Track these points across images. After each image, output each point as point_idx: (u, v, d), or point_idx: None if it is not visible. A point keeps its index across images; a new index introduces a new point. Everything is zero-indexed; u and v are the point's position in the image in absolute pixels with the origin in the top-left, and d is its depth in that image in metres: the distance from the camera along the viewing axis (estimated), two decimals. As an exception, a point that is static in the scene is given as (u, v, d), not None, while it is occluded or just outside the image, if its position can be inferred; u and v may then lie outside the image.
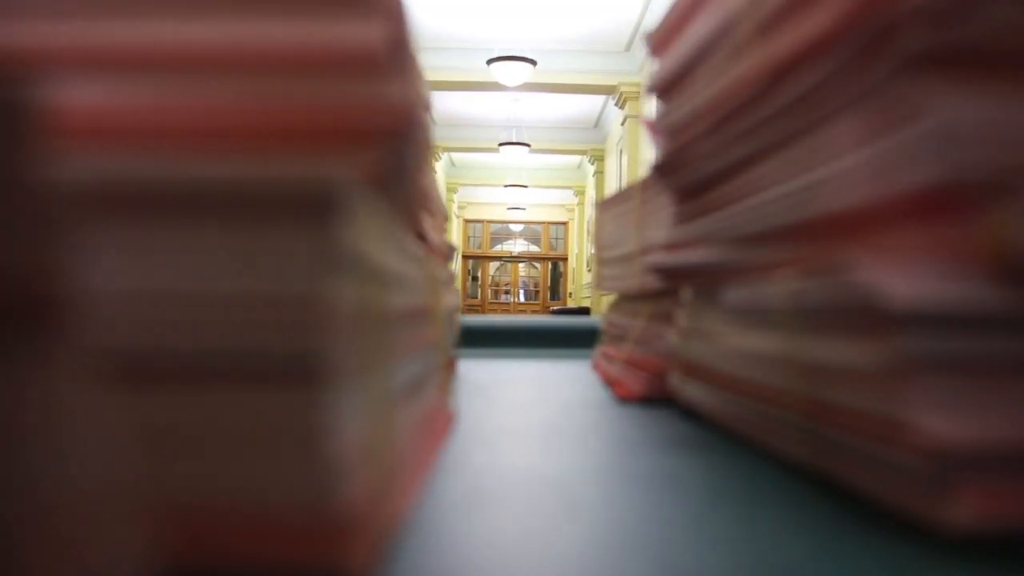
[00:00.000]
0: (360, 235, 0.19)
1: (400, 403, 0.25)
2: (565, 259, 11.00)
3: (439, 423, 0.38)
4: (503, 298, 10.87)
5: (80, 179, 0.17)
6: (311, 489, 0.17)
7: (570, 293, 10.19)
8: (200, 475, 0.17)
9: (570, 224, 11.12)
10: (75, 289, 0.11)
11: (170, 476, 0.17)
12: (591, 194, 8.35)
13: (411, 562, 0.20)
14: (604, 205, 0.80)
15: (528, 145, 6.90)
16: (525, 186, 8.92)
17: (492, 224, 10.88)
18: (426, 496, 0.27)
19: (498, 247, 10.98)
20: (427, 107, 0.31)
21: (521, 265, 11.06)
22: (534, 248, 11.10)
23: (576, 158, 8.89)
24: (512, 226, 10.93)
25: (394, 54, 0.23)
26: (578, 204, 9.80)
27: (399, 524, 0.23)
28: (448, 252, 0.51)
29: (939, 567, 0.21)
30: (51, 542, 0.10)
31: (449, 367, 0.50)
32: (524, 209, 10.41)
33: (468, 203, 10.48)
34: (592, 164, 7.84)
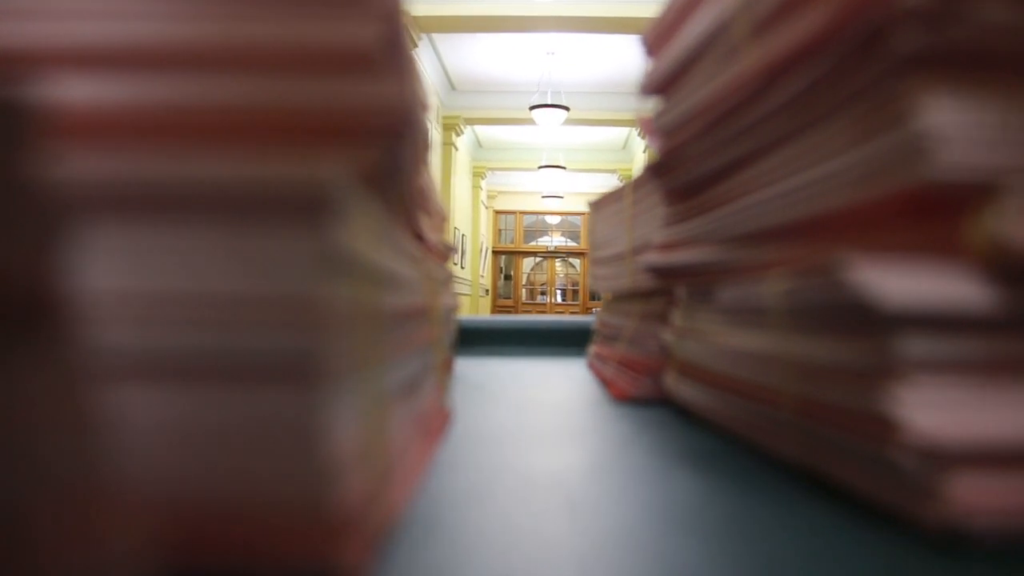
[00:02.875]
0: (355, 235, 0.19)
1: (396, 402, 0.26)
2: None
3: (435, 422, 0.38)
4: (539, 299, 10.04)
5: (77, 179, 0.17)
6: (306, 487, 0.17)
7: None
8: (195, 473, 0.17)
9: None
10: (73, 289, 0.11)
11: (166, 474, 0.17)
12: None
13: (406, 560, 0.21)
14: (596, 205, 0.80)
15: (566, 108, 5.39)
16: (563, 167, 7.37)
17: (526, 216, 9.58)
18: (422, 494, 0.27)
19: (532, 243, 9.74)
20: (424, 107, 0.31)
21: (558, 263, 9.77)
22: (572, 244, 9.73)
23: (622, 132, 7.38)
24: (548, 219, 9.64)
25: (389, 53, 0.23)
26: None
27: (395, 522, 0.23)
28: (446, 252, 0.52)
29: (929, 564, 0.21)
30: (50, 542, 0.10)
31: (446, 366, 0.50)
32: (561, 197, 9.00)
33: (498, 192, 9.08)
34: (643, 138, 6.69)
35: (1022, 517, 0.22)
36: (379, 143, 0.22)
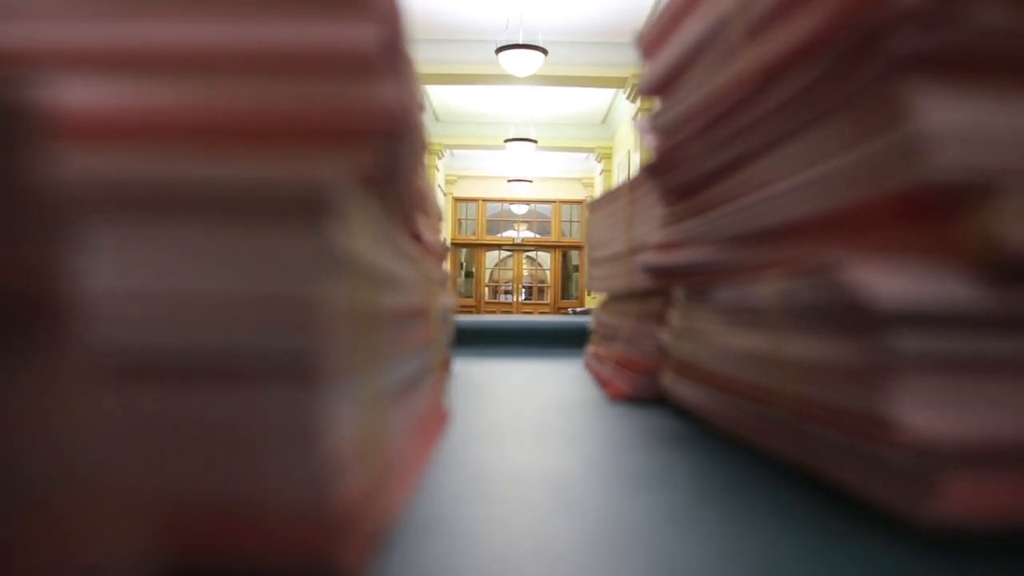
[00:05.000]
0: (353, 236, 0.19)
1: (394, 401, 0.26)
2: (581, 248, 7.81)
3: (433, 421, 0.39)
4: (503, 297, 8.48)
5: (79, 179, 0.17)
6: (305, 486, 0.17)
7: (588, 291, 8.28)
8: (195, 472, 0.17)
9: (588, 203, 8.56)
10: (74, 288, 0.11)
11: (166, 473, 0.17)
12: (627, 152, 5.44)
13: (405, 558, 0.21)
14: (594, 205, 0.80)
15: (543, 51, 4.24)
16: (533, 141, 6.17)
17: (489, 206, 8.36)
18: (420, 493, 0.27)
19: (497, 236, 8.59)
20: (422, 108, 0.32)
21: (522, 261, 8.76)
22: (542, 238, 8.60)
23: (602, 103, 6.04)
24: (514, 209, 8.47)
25: (388, 55, 0.23)
26: (603, 172, 6.93)
27: (393, 520, 0.24)
28: (443, 252, 0.52)
29: (925, 563, 0.21)
30: (50, 540, 0.10)
31: (444, 366, 0.50)
32: (530, 182, 7.75)
33: (458, 176, 7.89)
34: (634, 102, 4.64)
35: (1016, 515, 0.22)
36: (378, 145, 0.22)
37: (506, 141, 6.31)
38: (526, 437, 0.40)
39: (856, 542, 0.22)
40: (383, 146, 0.22)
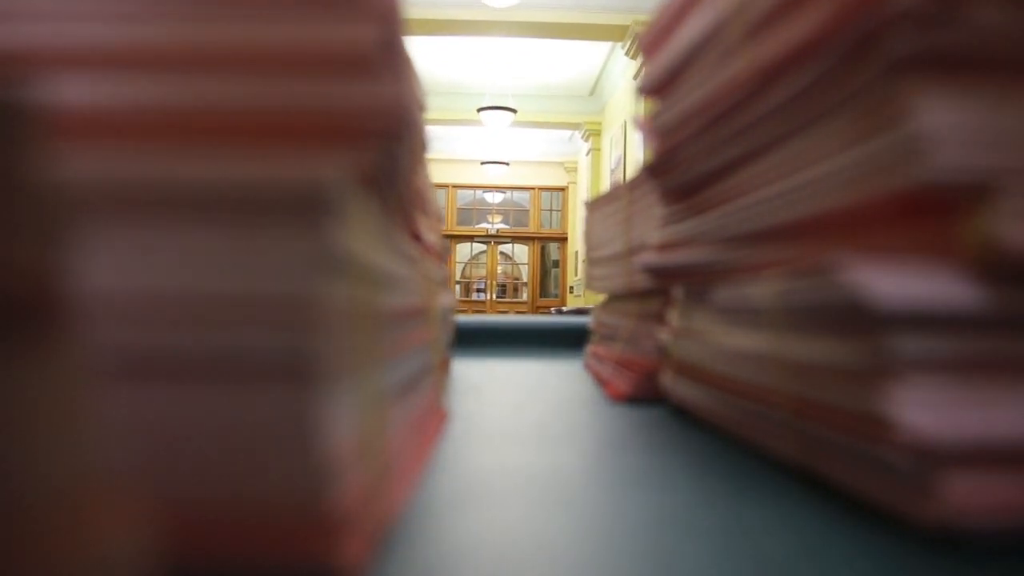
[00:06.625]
0: (353, 235, 0.19)
1: (393, 402, 0.26)
2: (564, 239, 7.46)
3: (432, 422, 0.39)
4: (475, 296, 7.91)
5: (79, 179, 0.17)
6: (303, 487, 0.17)
7: (571, 288, 7.07)
8: (193, 472, 0.17)
9: (571, 190, 7.30)
10: (72, 289, 0.11)
11: (164, 473, 0.17)
12: (622, 126, 4.62)
13: (404, 559, 0.21)
14: (593, 205, 0.80)
15: None
16: (512, 110, 5.41)
17: (461, 193, 7.53)
18: (419, 494, 0.27)
19: (468, 227, 7.91)
20: (421, 107, 0.32)
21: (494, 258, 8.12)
22: (519, 229, 7.88)
23: (591, 69, 5.24)
24: (488, 197, 7.64)
25: (386, 54, 0.23)
26: (590, 152, 6.01)
27: (392, 522, 0.23)
28: (443, 252, 0.52)
29: (925, 563, 0.21)
30: (49, 542, 0.10)
31: (443, 366, 0.50)
32: (507, 164, 6.83)
33: (426, 158, 7.31)
34: (634, 58, 3.89)
35: (1017, 516, 0.22)
36: (377, 144, 0.22)
37: (480, 110, 5.44)
38: (526, 437, 0.40)
39: (856, 542, 0.22)
40: (383, 146, 0.22)
